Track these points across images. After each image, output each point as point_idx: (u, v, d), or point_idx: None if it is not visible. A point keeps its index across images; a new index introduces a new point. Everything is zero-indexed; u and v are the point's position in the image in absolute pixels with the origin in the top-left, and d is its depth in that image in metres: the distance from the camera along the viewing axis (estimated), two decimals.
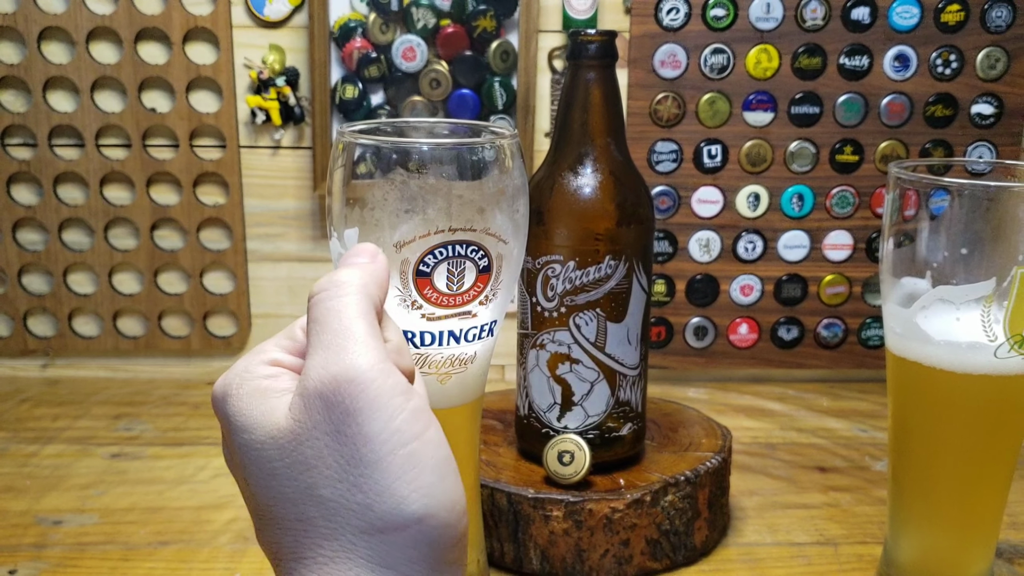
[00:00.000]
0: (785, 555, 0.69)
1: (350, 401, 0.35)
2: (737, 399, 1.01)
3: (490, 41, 0.96)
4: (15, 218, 1.00)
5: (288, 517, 0.36)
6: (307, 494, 0.35)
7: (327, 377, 0.35)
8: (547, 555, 0.64)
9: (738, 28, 0.97)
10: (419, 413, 0.36)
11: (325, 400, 0.35)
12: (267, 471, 0.36)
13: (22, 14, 0.95)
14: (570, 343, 0.65)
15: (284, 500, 0.36)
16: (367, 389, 0.35)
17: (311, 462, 0.35)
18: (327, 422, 0.35)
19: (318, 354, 0.36)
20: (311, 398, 0.35)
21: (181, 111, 0.98)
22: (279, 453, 0.36)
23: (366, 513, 0.35)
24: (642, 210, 0.65)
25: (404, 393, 0.36)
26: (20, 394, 0.99)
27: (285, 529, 0.36)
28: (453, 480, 0.36)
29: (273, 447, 0.36)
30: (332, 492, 0.35)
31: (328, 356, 0.36)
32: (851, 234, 1.02)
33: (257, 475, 0.36)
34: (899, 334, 0.56)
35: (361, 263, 0.40)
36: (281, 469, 0.36)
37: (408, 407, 0.36)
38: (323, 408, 0.35)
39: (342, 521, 0.35)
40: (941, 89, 0.98)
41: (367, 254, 0.41)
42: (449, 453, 0.37)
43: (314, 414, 0.35)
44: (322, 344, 0.36)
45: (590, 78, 0.64)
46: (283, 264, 1.04)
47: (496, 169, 0.47)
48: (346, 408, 0.35)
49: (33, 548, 0.68)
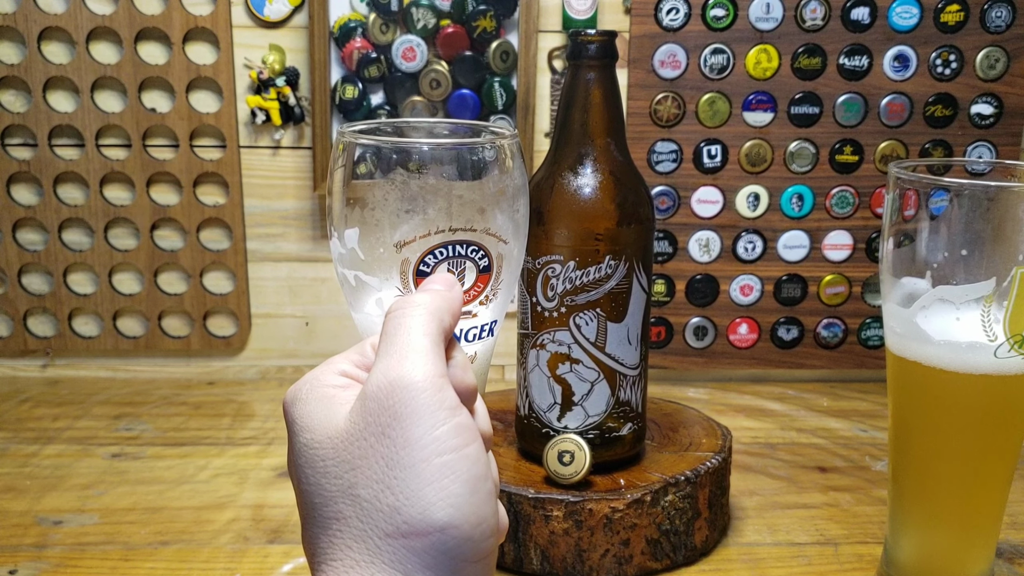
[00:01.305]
0: (785, 555, 0.69)
1: (400, 406, 0.36)
2: (737, 399, 1.01)
3: (490, 41, 0.96)
4: (15, 218, 1.00)
5: (326, 516, 0.37)
6: (347, 492, 0.37)
7: (384, 382, 0.37)
8: (547, 555, 0.64)
9: (738, 28, 0.97)
10: (463, 429, 0.37)
11: (379, 403, 0.37)
12: (319, 469, 0.38)
13: (22, 14, 0.95)
14: (570, 343, 0.65)
15: (326, 498, 0.37)
16: (417, 397, 0.37)
17: (357, 462, 0.37)
18: (377, 424, 0.37)
19: (381, 362, 0.38)
20: (368, 400, 0.37)
21: (181, 111, 0.98)
22: (332, 452, 0.37)
23: (394, 516, 0.36)
24: (642, 210, 0.65)
25: (452, 408, 0.37)
26: (20, 394, 0.99)
27: (323, 527, 0.37)
28: (485, 498, 0.37)
29: (329, 446, 0.38)
30: (368, 492, 0.36)
31: (389, 363, 0.38)
32: (851, 234, 1.02)
33: (309, 474, 0.38)
34: (899, 334, 0.56)
35: (436, 290, 0.42)
36: (331, 467, 0.37)
37: (453, 421, 0.37)
38: (376, 410, 0.37)
39: (372, 523, 0.36)
40: (941, 89, 0.98)
41: (444, 283, 0.43)
42: (487, 472, 0.38)
43: (367, 416, 0.37)
44: (386, 353, 0.38)
45: (590, 78, 0.64)
46: (283, 264, 1.04)
47: (496, 169, 0.47)
48: (395, 412, 0.36)
49: (33, 548, 0.68)
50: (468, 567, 0.37)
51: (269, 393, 1.01)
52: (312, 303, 1.05)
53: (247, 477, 0.80)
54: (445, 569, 0.36)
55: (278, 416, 0.94)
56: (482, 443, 0.38)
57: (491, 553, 0.38)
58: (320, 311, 1.05)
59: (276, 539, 0.70)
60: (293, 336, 1.05)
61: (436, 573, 0.36)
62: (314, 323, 1.05)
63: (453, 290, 0.43)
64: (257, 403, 0.98)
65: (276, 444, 0.87)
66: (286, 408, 0.40)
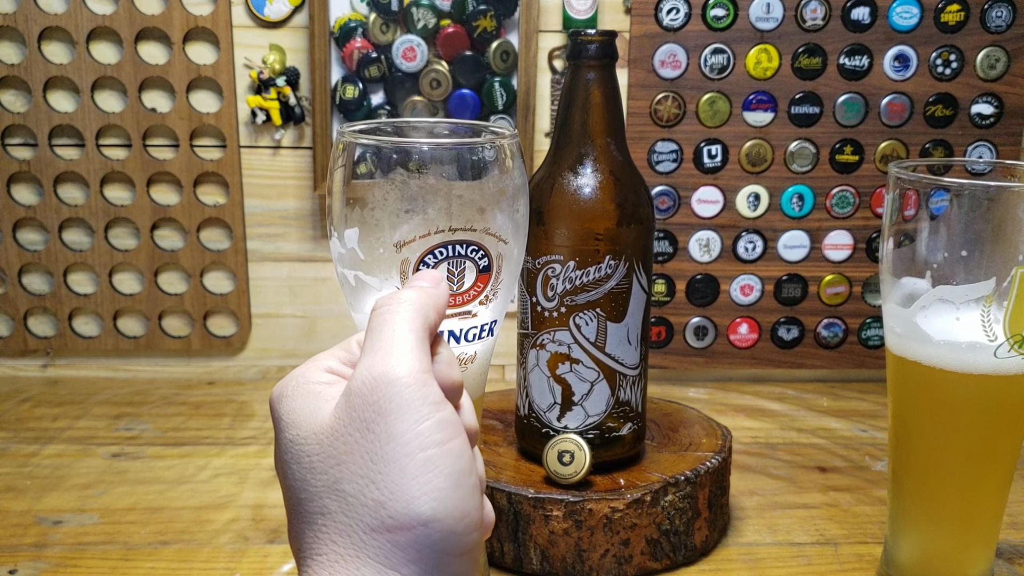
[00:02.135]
0: (785, 555, 0.69)
1: (384, 401, 0.37)
2: (737, 399, 1.01)
3: (490, 41, 0.96)
4: (15, 218, 1.00)
5: (312, 511, 0.37)
6: (332, 488, 0.37)
7: (369, 378, 0.37)
8: (547, 555, 0.64)
9: (738, 28, 0.97)
10: (446, 424, 0.37)
11: (363, 398, 0.37)
12: (305, 465, 0.38)
13: (22, 14, 0.95)
14: (570, 343, 0.65)
15: (312, 493, 0.37)
16: (401, 392, 0.37)
17: (342, 457, 0.37)
18: (361, 419, 0.37)
19: (366, 358, 0.38)
20: (352, 396, 0.37)
21: (181, 111, 0.98)
22: (318, 447, 0.38)
23: (379, 510, 0.36)
24: (642, 210, 0.65)
25: (436, 403, 0.37)
26: (20, 394, 0.99)
27: (308, 522, 0.38)
28: (469, 492, 0.37)
29: (314, 442, 0.38)
30: (353, 487, 0.36)
31: (374, 359, 0.38)
32: (851, 234, 1.02)
33: (295, 469, 0.38)
34: (899, 334, 0.56)
35: (422, 286, 0.42)
36: (316, 463, 0.38)
37: (437, 416, 0.37)
38: (361, 406, 0.37)
39: (356, 517, 0.36)
40: (941, 89, 0.98)
41: (430, 279, 0.43)
42: (472, 467, 0.38)
43: (352, 411, 0.37)
44: (371, 349, 0.39)
45: (590, 78, 0.64)
46: (283, 264, 1.04)
47: (496, 169, 0.47)
48: (379, 407, 0.37)
49: (33, 548, 0.68)
50: (453, 561, 0.37)
51: (269, 393, 1.01)
52: (312, 303, 1.05)
53: (247, 477, 0.80)
54: (430, 563, 0.36)
55: None
56: (466, 438, 0.38)
57: (476, 547, 0.38)
58: (320, 311, 1.05)
59: (276, 539, 0.70)
60: (293, 336, 1.05)
61: (421, 567, 0.36)
62: (314, 323, 1.05)
63: (439, 287, 0.43)
64: (257, 403, 0.98)
65: None
66: (272, 405, 0.41)
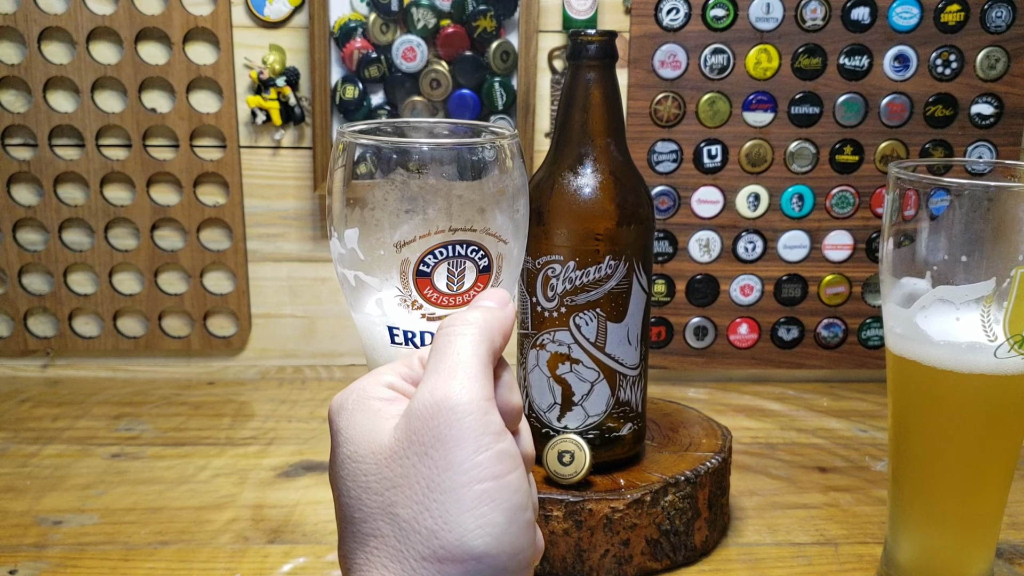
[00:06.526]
0: (785, 555, 0.69)
1: (444, 428, 0.36)
2: (737, 399, 1.01)
3: (490, 41, 0.96)
4: (15, 218, 1.00)
5: (365, 532, 0.37)
6: (386, 511, 0.37)
7: (430, 402, 0.37)
8: (547, 555, 0.64)
9: (738, 28, 0.97)
10: (505, 456, 0.37)
11: (424, 422, 0.37)
12: (361, 484, 0.37)
13: (22, 14, 0.95)
14: (570, 343, 0.65)
15: (366, 513, 0.37)
16: (462, 420, 0.36)
17: (398, 480, 0.37)
18: (420, 443, 0.36)
19: (429, 379, 0.38)
20: (413, 419, 0.37)
21: (181, 111, 0.98)
22: (375, 468, 0.37)
23: (431, 539, 0.36)
24: (642, 210, 0.65)
25: (496, 434, 0.37)
26: (20, 394, 0.99)
27: (360, 543, 0.37)
28: (523, 528, 0.37)
29: (371, 461, 0.37)
30: (408, 512, 0.36)
31: (436, 382, 0.37)
32: (851, 234, 1.02)
33: (351, 487, 0.38)
34: (899, 334, 0.56)
35: (489, 306, 0.42)
36: (372, 483, 0.37)
37: (496, 447, 0.37)
38: (420, 430, 0.37)
39: (409, 544, 0.36)
40: (941, 89, 0.98)
41: (498, 300, 0.43)
42: (527, 502, 0.37)
43: (411, 435, 0.37)
44: (435, 371, 0.38)
45: (590, 78, 0.64)
46: (283, 264, 1.04)
47: (496, 169, 0.47)
48: (439, 434, 0.36)
49: (33, 548, 0.68)
50: None
51: (269, 393, 1.01)
52: (312, 303, 1.05)
53: (247, 477, 0.80)
54: None
55: (278, 416, 0.94)
56: (524, 470, 0.38)
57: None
58: (320, 311, 1.05)
59: (276, 539, 0.70)
60: (293, 336, 1.05)
61: None
62: (314, 323, 1.05)
63: (506, 308, 0.42)
64: (257, 403, 0.98)
65: (276, 444, 0.87)
66: (331, 416, 0.40)
